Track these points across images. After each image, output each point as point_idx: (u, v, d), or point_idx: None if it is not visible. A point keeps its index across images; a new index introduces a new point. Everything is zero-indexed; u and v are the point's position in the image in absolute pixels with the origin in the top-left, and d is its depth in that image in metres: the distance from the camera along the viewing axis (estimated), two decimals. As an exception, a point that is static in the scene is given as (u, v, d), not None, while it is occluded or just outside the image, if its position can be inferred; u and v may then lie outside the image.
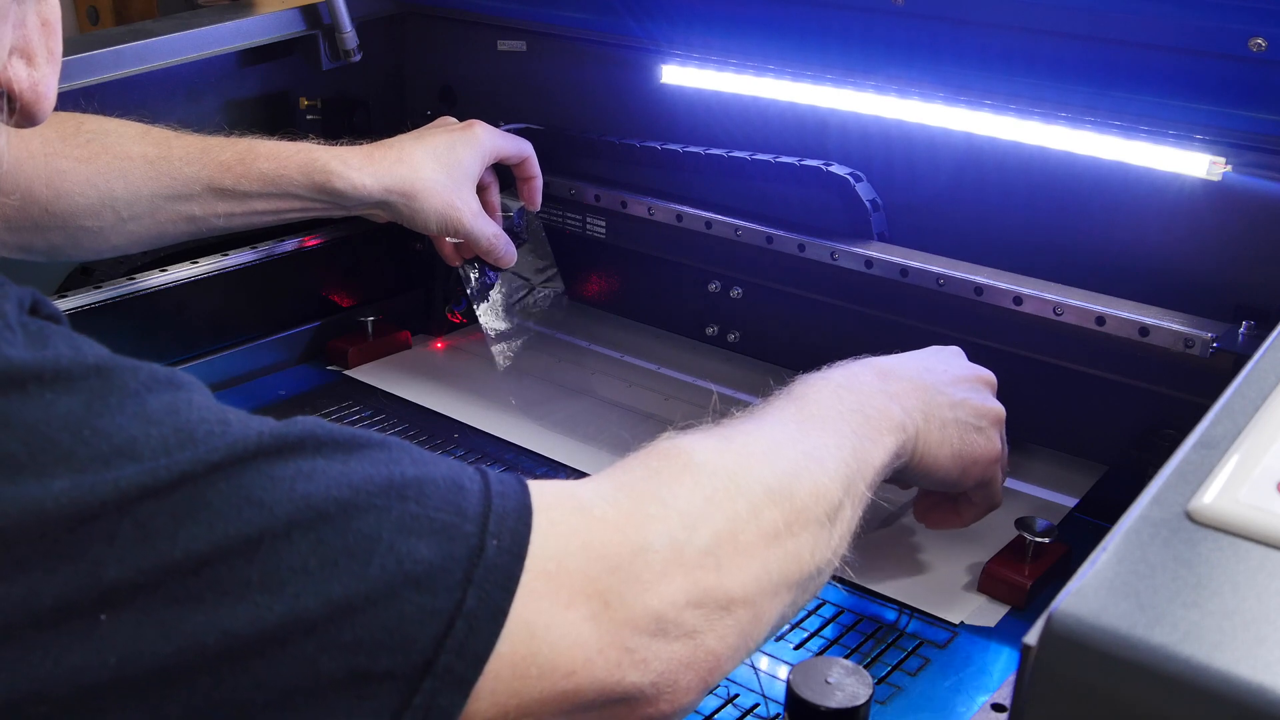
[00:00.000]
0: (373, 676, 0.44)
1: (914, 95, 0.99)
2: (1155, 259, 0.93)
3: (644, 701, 0.53)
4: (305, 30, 1.22)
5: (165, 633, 0.40)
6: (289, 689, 0.42)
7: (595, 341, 1.24)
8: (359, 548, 0.44)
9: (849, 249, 1.03)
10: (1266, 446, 0.50)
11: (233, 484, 0.42)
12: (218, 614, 0.41)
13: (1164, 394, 0.92)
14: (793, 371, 1.17)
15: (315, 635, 0.42)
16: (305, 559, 0.42)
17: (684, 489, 0.57)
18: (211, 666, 0.41)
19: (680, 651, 0.53)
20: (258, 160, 0.96)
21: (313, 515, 0.43)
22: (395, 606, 0.44)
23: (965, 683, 0.77)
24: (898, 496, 0.93)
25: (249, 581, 0.41)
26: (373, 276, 1.28)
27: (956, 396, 0.77)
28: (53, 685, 0.38)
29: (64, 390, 0.41)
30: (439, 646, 0.45)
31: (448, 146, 1.03)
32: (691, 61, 1.12)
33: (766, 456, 0.62)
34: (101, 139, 0.93)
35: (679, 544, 0.54)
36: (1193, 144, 0.88)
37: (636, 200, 1.16)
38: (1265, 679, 0.38)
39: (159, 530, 0.40)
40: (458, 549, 0.46)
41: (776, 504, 0.59)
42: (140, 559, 0.39)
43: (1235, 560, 0.44)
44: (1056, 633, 0.41)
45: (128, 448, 0.40)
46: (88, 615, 0.39)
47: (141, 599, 0.39)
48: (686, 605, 0.53)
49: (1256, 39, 0.83)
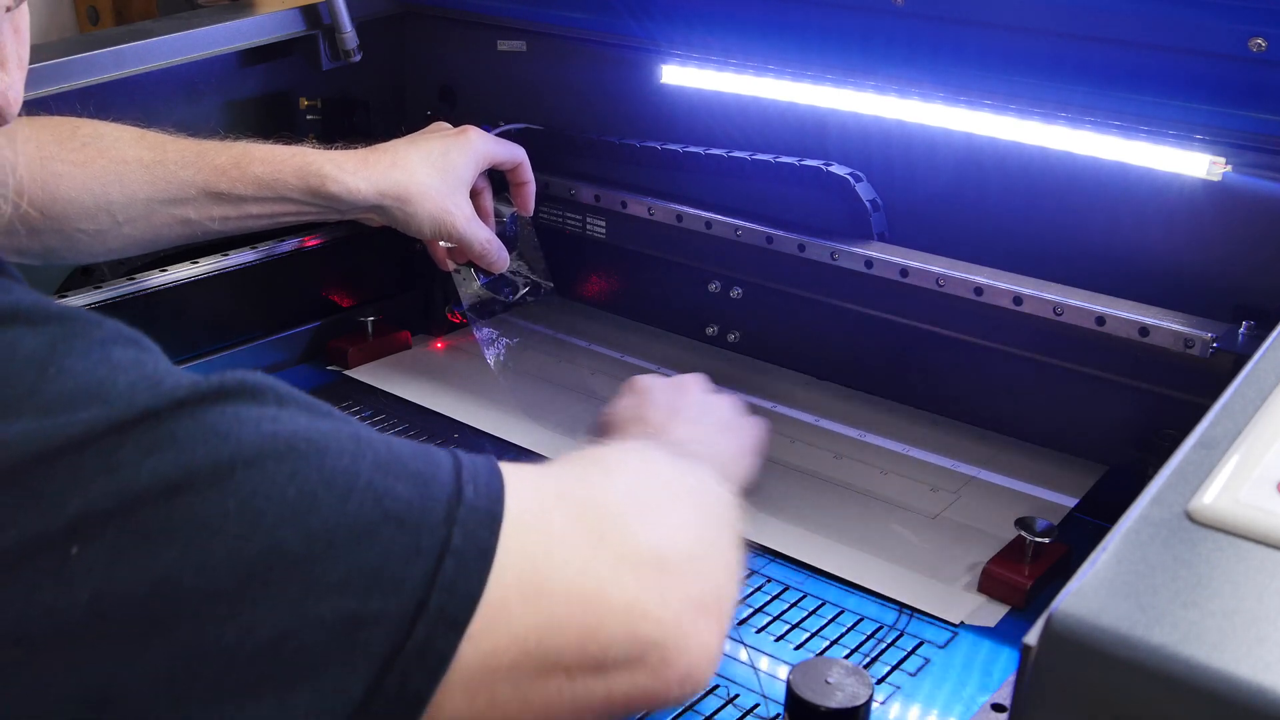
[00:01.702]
0: (364, 619, 0.43)
1: (914, 95, 0.99)
2: (1155, 259, 0.93)
3: (666, 649, 0.52)
4: (305, 30, 1.22)
5: (138, 568, 0.39)
6: (277, 635, 0.41)
7: (595, 341, 1.24)
8: (336, 481, 0.43)
9: (849, 249, 1.03)
10: (1266, 446, 0.50)
11: (198, 420, 0.41)
12: (192, 548, 0.39)
13: (1164, 394, 0.92)
14: (793, 371, 1.18)
15: (299, 573, 0.41)
16: (282, 489, 0.41)
17: (627, 469, 0.63)
18: (192, 608, 0.40)
19: (688, 589, 0.54)
20: (252, 164, 0.96)
21: (283, 448, 0.42)
22: (379, 544, 0.43)
23: (965, 683, 0.77)
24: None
25: (223, 513, 0.40)
26: (373, 276, 1.28)
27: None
28: (26, 624, 0.38)
29: (28, 330, 0.41)
30: (430, 585, 0.44)
31: (442, 151, 1.03)
32: (691, 61, 1.12)
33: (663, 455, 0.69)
34: (97, 143, 0.94)
35: (653, 500, 0.58)
36: (1193, 144, 0.88)
37: (636, 200, 1.16)
38: (1265, 679, 0.38)
39: (124, 461, 0.39)
40: (436, 491, 0.46)
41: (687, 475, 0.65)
42: (107, 489, 0.39)
43: (1235, 560, 0.44)
44: (1056, 633, 0.41)
45: (94, 389, 0.40)
46: (57, 549, 0.38)
47: (111, 532, 0.39)
48: (670, 548, 0.55)
49: (1256, 39, 0.83)
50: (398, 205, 1.00)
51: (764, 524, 0.93)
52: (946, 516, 0.94)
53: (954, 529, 0.93)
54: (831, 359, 1.15)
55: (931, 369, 1.07)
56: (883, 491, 0.98)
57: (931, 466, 1.01)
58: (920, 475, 1.00)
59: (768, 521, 0.93)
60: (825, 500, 0.96)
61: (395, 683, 0.43)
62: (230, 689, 0.41)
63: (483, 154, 1.06)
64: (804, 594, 0.85)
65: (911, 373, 1.09)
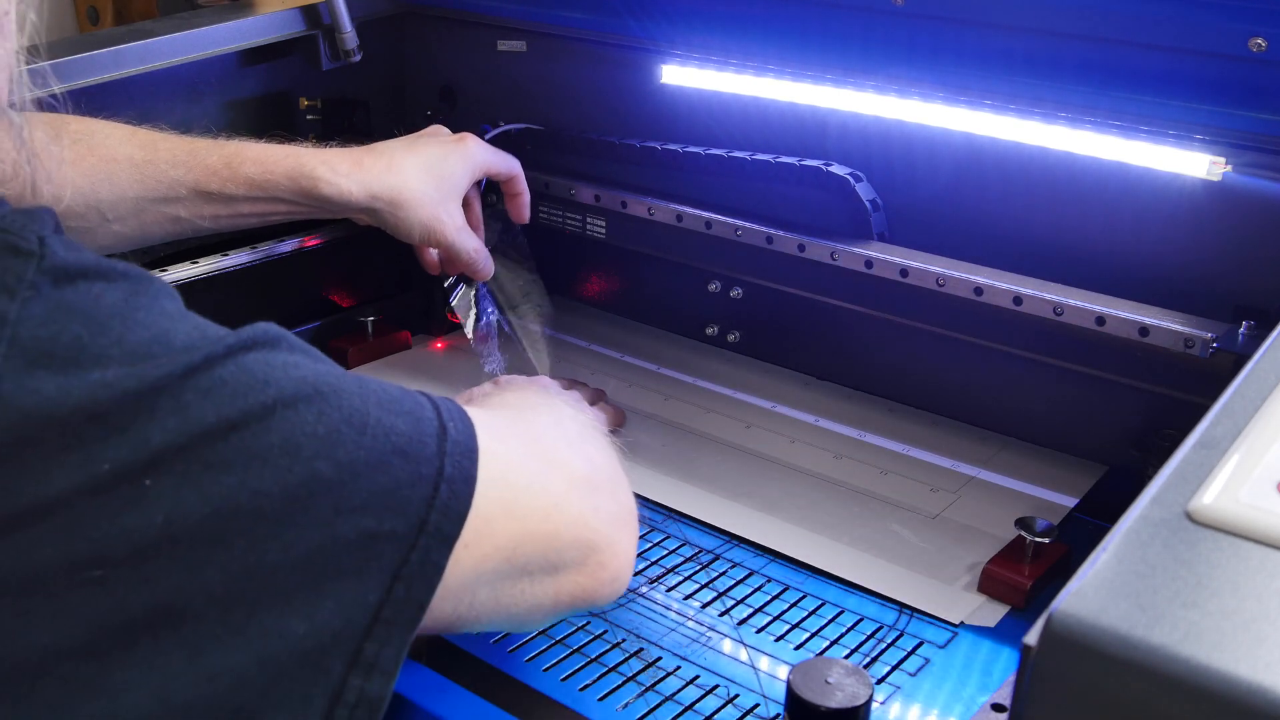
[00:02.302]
0: (379, 536, 0.50)
1: (914, 95, 0.99)
2: (1155, 259, 0.93)
3: (602, 552, 0.64)
4: (305, 30, 1.22)
5: (203, 494, 0.45)
6: (311, 550, 0.48)
7: (595, 341, 1.24)
8: (354, 419, 0.50)
9: (849, 249, 1.03)
10: (1266, 446, 0.50)
11: (240, 366, 0.47)
12: (248, 476, 0.46)
13: (1164, 394, 0.92)
14: (793, 371, 1.18)
15: (330, 497, 0.48)
16: (314, 426, 0.48)
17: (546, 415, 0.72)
18: (245, 527, 0.46)
19: (611, 505, 0.67)
20: (244, 165, 0.96)
21: (311, 391, 0.49)
22: (390, 472, 0.51)
23: (965, 683, 0.77)
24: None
25: (271, 446, 0.47)
26: (373, 276, 1.28)
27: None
28: (109, 546, 0.43)
29: (106, 285, 0.46)
30: (429, 507, 0.52)
31: (439, 158, 1.03)
32: (691, 61, 1.12)
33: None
34: (88, 140, 0.93)
35: (573, 436, 0.70)
36: (1193, 144, 0.88)
37: (636, 200, 1.16)
38: (1265, 679, 0.38)
39: (189, 403, 0.45)
40: (426, 427, 0.54)
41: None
42: (179, 427, 0.45)
43: (1235, 560, 0.44)
44: (1056, 633, 0.41)
45: (162, 339, 0.46)
46: (137, 480, 0.44)
47: (180, 464, 0.44)
48: (594, 470, 0.67)
49: (1256, 39, 0.83)
50: (389, 209, 1.00)
51: (764, 524, 0.93)
52: (946, 516, 0.94)
53: (954, 529, 0.93)
54: (831, 359, 1.15)
55: (931, 369, 1.07)
56: (883, 491, 0.98)
57: (931, 466, 1.01)
58: (920, 475, 1.00)
59: (768, 521, 0.93)
60: (825, 500, 0.96)
61: (401, 591, 0.51)
62: (270, 600, 0.47)
63: (479, 164, 1.06)
64: (804, 594, 0.85)
65: (911, 373, 1.09)
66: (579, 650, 0.78)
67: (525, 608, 0.62)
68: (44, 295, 0.44)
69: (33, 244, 0.45)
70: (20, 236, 0.45)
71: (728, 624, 0.82)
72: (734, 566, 0.88)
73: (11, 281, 0.43)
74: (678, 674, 0.76)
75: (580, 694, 0.74)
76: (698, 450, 1.04)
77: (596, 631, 0.80)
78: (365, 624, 0.50)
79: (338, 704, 0.49)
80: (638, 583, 0.86)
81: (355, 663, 0.49)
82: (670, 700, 0.74)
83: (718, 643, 0.80)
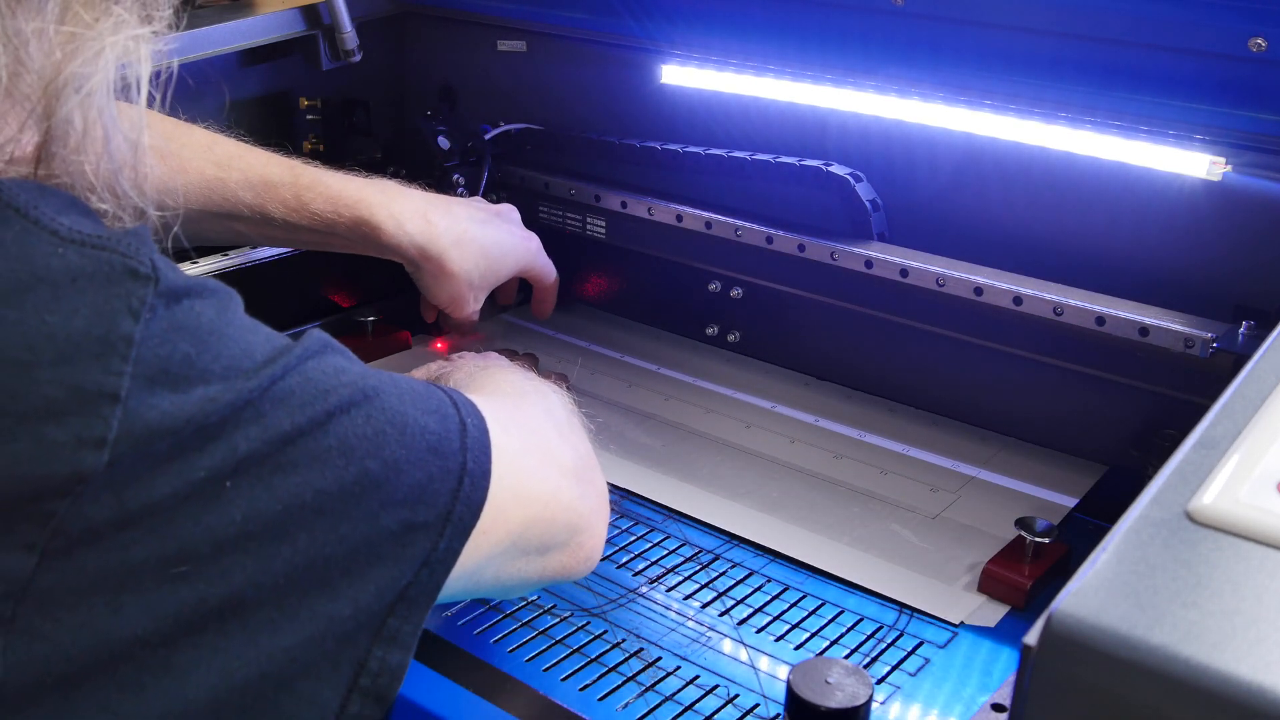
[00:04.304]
0: (415, 527, 0.54)
1: (914, 95, 0.99)
2: (1155, 259, 0.93)
3: (583, 534, 0.70)
4: (305, 30, 1.22)
5: (274, 494, 0.49)
6: (359, 541, 0.52)
7: (595, 341, 1.24)
8: (395, 420, 0.54)
9: (849, 249, 1.03)
10: (1266, 446, 0.50)
11: (303, 375, 0.51)
12: (311, 476, 0.50)
13: (1164, 394, 0.92)
14: (793, 371, 1.18)
15: (379, 492, 0.52)
16: (363, 428, 0.53)
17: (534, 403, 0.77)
18: (308, 522, 0.50)
19: (592, 496, 0.73)
20: (315, 201, 0.97)
21: (359, 396, 0.53)
22: (425, 468, 0.55)
23: (965, 683, 0.77)
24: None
25: (329, 449, 0.51)
26: (373, 276, 1.28)
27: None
28: (194, 544, 0.47)
29: (202, 302, 0.50)
30: (454, 499, 0.56)
31: (501, 252, 1.05)
32: (691, 61, 1.12)
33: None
34: (163, 145, 0.93)
35: (562, 426, 0.75)
36: (1193, 144, 0.88)
37: (636, 200, 1.16)
38: (1265, 679, 0.38)
39: (267, 413, 0.49)
40: (450, 425, 0.58)
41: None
42: (259, 436, 0.49)
43: (1235, 560, 0.44)
44: (1056, 633, 0.41)
45: (248, 352, 0.50)
46: (221, 484, 0.47)
47: (256, 468, 0.48)
48: (579, 460, 0.73)
49: (1256, 39, 0.83)
50: (431, 271, 1.02)
51: (764, 524, 0.93)
52: (946, 516, 0.94)
53: (954, 529, 0.93)
54: (831, 359, 1.15)
55: (932, 369, 1.07)
56: (883, 491, 0.98)
57: (931, 466, 1.01)
58: (920, 475, 1.00)
59: (768, 521, 0.93)
60: (825, 500, 0.96)
61: (426, 575, 0.55)
62: (321, 588, 0.51)
63: (527, 265, 1.09)
64: (804, 594, 0.85)
65: (911, 373, 1.09)
66: (579, 650, 0.78)
67: (517, 581, 0.68)
68: (160, 316, 0.47)
69: (148, 268, 0.47)
70: (137, 260, 0.47)
71: (728, 624, 0.82)
72: (734, 566, 0.88)
73: (136, 305, 0.46)
74: (678, 674, 0.76)
75: (580, 694, 0.74)
76: (698, 450, 1.04)
77: (596, 631, 0.80)
78: (391, 603, 0.54)
79: (362, 672, 0.53)
80: (638, 583, 0.86)
81: (379, 637, 0.54)
82: (670, 700, 0.74)
83: (718, 643, 0.80)
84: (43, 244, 0.46)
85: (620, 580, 0.86)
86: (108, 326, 0.45)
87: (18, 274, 0.45)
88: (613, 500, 0.97)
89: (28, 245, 0.45)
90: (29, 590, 0.43)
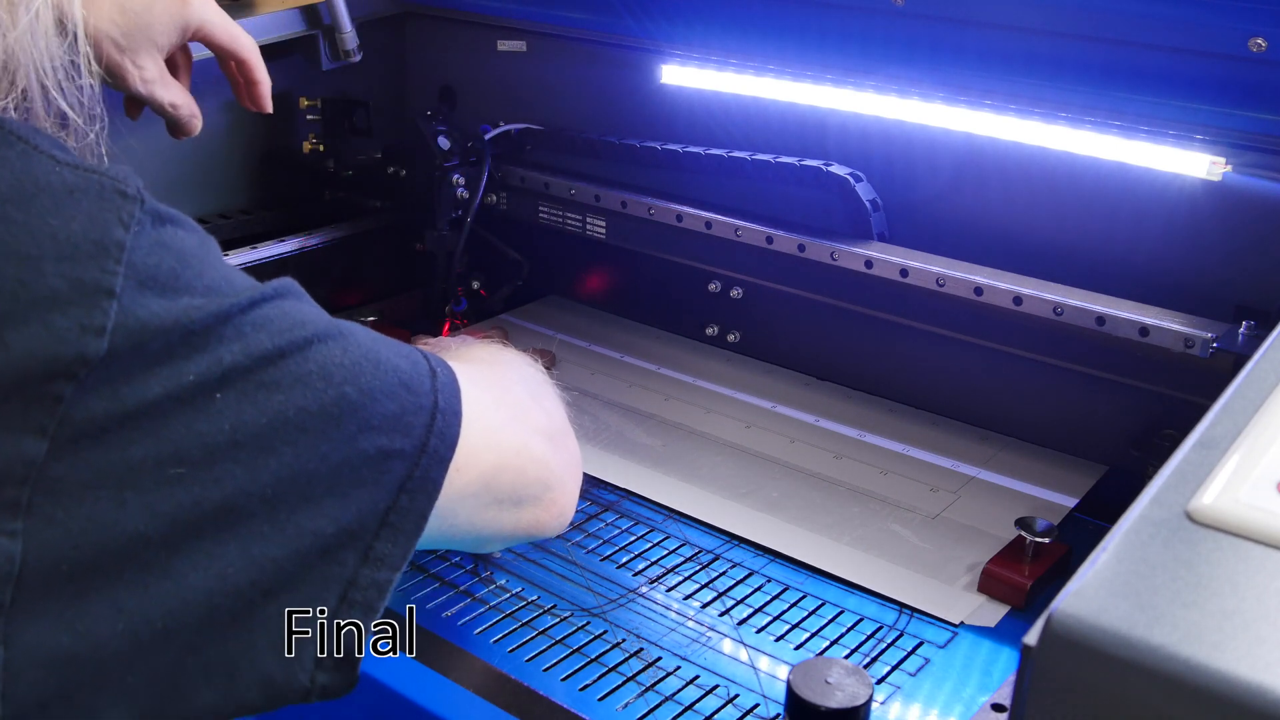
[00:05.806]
0: (391, 454, 0.58)
1: (914, 95, 0.99)
2: (1155, 259, 0.93)
3: (555, 490, 0.73)
4: (305, 30, 1.22)
5: (260, 408, 0.53)
6: (340, 461, 0.56)
7: (595, 341, 1.24)
8: (369, 355, 0.58)
9: (849, 249, 1.03)
10: (1266, 446, 0.50)
11: (279, 308, 0.56)
12: (293, 395, 0.54)
13: (1164, 394, 0.92)
14: (793, 371, 1.18)
15: (357, 416, 0.56)
16: (341, 357, 0.57)
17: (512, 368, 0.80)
18: (292, 438, 0.54)
19: (564, 453, 0.76)
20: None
21: (334, 330, 0.58)
22: (398, 400, 0.59)
23: (965, 683, 0.77)
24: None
25: (310, 372, 0.55)
26: (373, 276, 1.28)
27: None
28: (187, 448, 0.51)
29: (185, 232, 0.54)
30: (429, 432, 0.60)
31: (144, 5, 0.88)
32: (691, 61, 1.12)
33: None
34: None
35: (535, 390, 0.78)
36: (1193, 144, 0.88)
37: (636, 200, 1.16)
38: (1265, 679, 0.38)
39: (247, 333, 0.54)
40: (420, 369, 0.62)
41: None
42: (242, 350, 0.53)
43: (1235, 560, 0.44)
44: (1056, 633, 0.41)
45: (227, 279, 0.55)
46: (210, 394, 0.52)
47: (242, 382, 0.53)
48: (551, 423, 0.76)
49: (1256, 39, 0.83)
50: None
51: (764, 524, 0.93)
52: (946, 516, 0.94)
53: (954, 529, 0.93)
54: (831, 359, 1.15)
55: (932, 369, 1.07)
56: (883, 491, 0.98)
57: (931, 466, 1.01)
58: (920, 475, 1.00)
59: (768, 521, 0.93)
60: (825, 500, 0.96)
61: (406, 501, 0.59)
62: (306, 504, 0.55)
63: (187, 24, 0.91)
64: (804, 594, 0.85)
65: (912, 373, 1.09)
66: (579, 650, 0.78)
67: (491, 531, 0.71)
68: (147, 232, 0.52)
69: (135, 190, 0.52)
70: (125, 183, 0.52)
71: (728, 624, 0.82)
72: (734, 566, 0.88)
73: (125, 218, 0.51)
74: (678, 674, 0.76)
75: (580, 694, 0.74)
76: (698, 450, 1.04)
77: (596, 631, 0.80)
78: (375, 527, 0.58)
79: (352, 587, 0.57)
80: (638, 583, 0.86)
81: (367, 558, 0.57)
82: (670, 700, 0.74)
83: (718, 643, 0.80)
84: (43, 163, 0.51)
85: (620, 580, 0.86)
86: (102, 232, 0.50)
87: (23, 183, 0.50)
88: (613, 500, 0.97)
89: (30, 162, 0.51)
90: (42, 477, 0.48)
